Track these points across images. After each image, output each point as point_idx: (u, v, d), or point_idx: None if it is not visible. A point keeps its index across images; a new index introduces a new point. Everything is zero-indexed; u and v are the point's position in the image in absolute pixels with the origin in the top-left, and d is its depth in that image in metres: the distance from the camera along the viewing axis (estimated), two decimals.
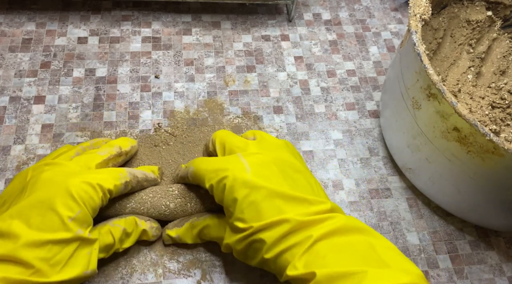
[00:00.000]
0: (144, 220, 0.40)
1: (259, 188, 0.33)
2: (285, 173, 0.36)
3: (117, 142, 0.43)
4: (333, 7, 0.64)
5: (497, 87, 0.48)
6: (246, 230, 0.33)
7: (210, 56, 0.56)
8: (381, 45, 0.60)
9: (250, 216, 0.33)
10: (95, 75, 0.53)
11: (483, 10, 0.50)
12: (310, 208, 0.33)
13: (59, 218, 0.32)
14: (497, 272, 0.44)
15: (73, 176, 0.34)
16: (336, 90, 0.55)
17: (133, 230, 0.38)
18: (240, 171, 0.34)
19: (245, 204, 0.33)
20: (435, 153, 0.40)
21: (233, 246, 0.35)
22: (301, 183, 0.36)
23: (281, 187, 0.34)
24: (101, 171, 0.37)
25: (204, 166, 0.37)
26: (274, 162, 0.36)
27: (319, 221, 0.32)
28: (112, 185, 0.36)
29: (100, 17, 0.58)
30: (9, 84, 0.51)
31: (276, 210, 0.33)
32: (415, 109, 0.40)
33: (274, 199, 0.33)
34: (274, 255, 0.32)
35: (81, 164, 0.37)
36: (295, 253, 0.31)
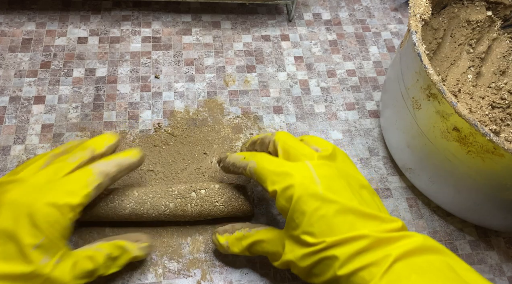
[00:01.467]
0: (133, 240, 0.38)
1: (331, 202, 0.32)
2: (353, 188, 0.34)
3: (91, 144, 0.38)
4: (333, 7, 0.64)
5: (497, 87, 0.48)
6: (316, 245, 0.31)
7: (210, 56, 0.56)
8: (381, 45, 0.60)
9: (321, 230, 0.31)
10: (95, 75, 0.53)
11: (483, 10, 0.50)
12: (383, 226, 0.31)
13: (18, 248, 0.30)
14: (497, 272, 0.44)
15: (36, 199, 0.32)
16: (336, 90, 0.55)
17: (121, 255, 0.36)
18: (309, 182, 0.33)
19: (315, 217, 0.31)
20: (435, 153, 0.40)
21: (297, 262, 0.33)
22: (368, 200, 0.34)
23: (352, 202, 0.32)
24: (67, 181, 0.34)
25: (268, 165, 0.35)
26: (342, 175, 0.34)
27: (396, 239, 0.30)
28: (81, 197, 0.33)
29: (100, 17, 0.58)
30: (9, 84, 0.51)
31: (349, 225, 0.31)
32: (415, 109, 0.40)
33: (347, 215, 0.31)
34: (349, 272, 0.30)
35: (49, 177, 0.34)
36: (374, 272, 0.29)
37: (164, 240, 0.42)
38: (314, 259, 0.31)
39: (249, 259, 0.42)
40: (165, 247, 0.42)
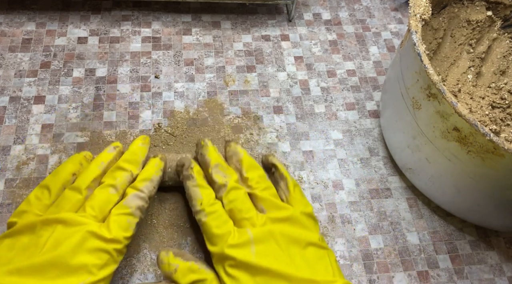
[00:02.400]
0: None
1: (262, 272, 0.33)
2: (295, 248, 0.35)
3: (128, 165, 0.39)
4: (333, 7, 0.64)
5: (497, 87, 0.48)
6: None
7: (210, 56, 0.56)
8: (381, 45, 0.60)
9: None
10: (95, 75, 0.53)
11: (483, 10, 0.50)
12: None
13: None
14: (497, 272, 0.44)
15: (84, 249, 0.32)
16: (336, 90, 0.55)
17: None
18: (244, 251, 0.34)
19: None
20: (435, 153, 0.40)
21: None
22: (312, 259, 0.35)
23: (287, 267, 0.33)
24: (109, 228, 0.34)
25: (214, 228, 0.36)
26: (284, 236, 0.35)
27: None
28: (125, 239, 0.35)
29: (100, 17, 0.58)
30: (9, 84, 0.51)
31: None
32: (415, 109, 0.40)
33: (279, 281, 0.33)
34: None
35: (96, 213, 0.35)
36: None
37: (164, 240, 0.42)
38: None
39: None
40: (165, 247, 0.42)
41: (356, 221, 0.46)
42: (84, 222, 0.33)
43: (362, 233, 0.45)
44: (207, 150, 0.41)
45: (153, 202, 0.44)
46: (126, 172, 0.38)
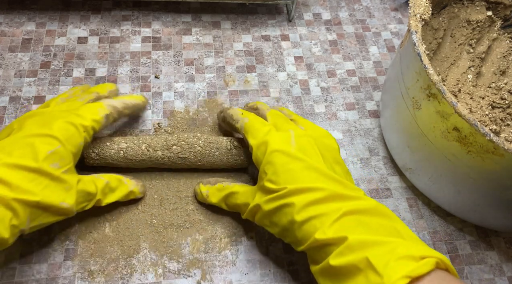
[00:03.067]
0: (129, 178, 0.42)
1: (300, 159, 0.35)
2: (326, 160, 0.37)
3: (95, 89, 0.45)
4: (333, 7, 0.64)
5: (497, 87, 0.48)
6: (278, 191, 0.34)
7: (210, 56, 0.56)
8: (381, 45, 0.60)
9: (285, 179, 0.34)
10: (95, 75, 0.53)
11: (483, 10, 0.50)
12: (344, 190, 0.34)
13: (34, 151, 0.34)
14: (497, 272, 0.44)
15: (56, 118, 0.37)
16: (336, 90, 0.55)
17: (118, 187, 0.40)
18: (285, 142, 0.37)
19: (282, 169, 0.35)
20: (435, 153, 0.40)
21: (262, 205, 0.36)
22: (338, 171, 0.38)
23: (320, 164, 0.35)
24: (81, 109, 0.40)
25: (256, 124, 0.40)
26: (319, 148, 0.38)
27: (351, 198, 0.33)
28: (92, 121, 0.39)
29: (100, 17, 0.58)
30: (9, 84, 0.51)
31: (311, 179, 0.34)
32: (415, 109, 0.40)
33: (312, 171, 0.35)
34: (303, 220, 0.33)
35: (65, 108, 0.40)
36: (324, 221, 0.32)
37: (164, 240, 0.42)
38: (275, 205, 0.34)
39: (249, 259, 0.42)
40: (165, 247, 0.42)
41: None
42: (49, 110, 0.40)
43: None
44: (231, 107, 0.46)
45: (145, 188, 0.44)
46: (93, 93, 0.45)
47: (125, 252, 0.41)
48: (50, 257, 0.40)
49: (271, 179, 0.35)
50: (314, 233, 0.32)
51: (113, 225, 0.42)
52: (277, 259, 0.42)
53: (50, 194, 0.34)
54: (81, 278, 0.39)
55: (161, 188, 0.45)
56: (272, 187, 0.35)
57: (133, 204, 0.44)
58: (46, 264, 0.40)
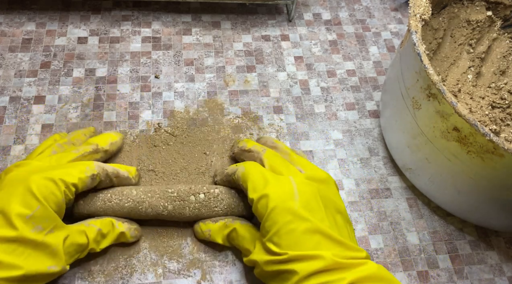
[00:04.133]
0: (122, 221, 0.40)
1: (303, 219, 0.33)
2: (329, 211, 0.36)
3: (95, 140, 0.43)
4: (333, 7, 0.64)
5: (497, 87, 0.48)
6: (280, 255, 0.33)
7: (210, 56, 0.56)
8: (381, 45, 0.60)
9: (287, 243, 0.33)
10: (95, 75, 0.53)
11: (483, 10, 0.50)
12: (347, 252, 0.33)
13: (6, 217, 0.32)
14: (497, 272, 0.44)
15: (35, 173, 0.34)
16: (336, 90, 0.55)
17: (109, 231, 0.38)
18: (287, 196, 0.35)
19: (284, 229, 0.33)
20: (435, 153, 0.40)
21: (261, 266, 0.34)
22: (340, 225, 0.36)
23: (323, 224, 0.34)
24: (67, 165, 0.37)
25: (255, 173, 0.37)
26: (321, 197, 0.36)
27: (353, 265, 0.32)
28: (77, 179, 0.36)
29: (100, 17, 0.58)
30: (9, 84, 0.51)
31: (314, 244, 0.33)
32: (415, 109, 0.40)
33: (314, 234, 0.33)
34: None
35: (52, 162, 0.38)
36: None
37: (164, 240, 0.42)
38: (276, 268, 0.33)
39: None
40: (165, 247, 0.42)
41: (356, 221, 0.46)
42: (35, 164, 0.38)
43: (362, 233, 0.45)
44: (242, 141, 0.45)
45: None
46: (92, 145, 0.42)
47: (125, 252, 0.41)
48: None
49: (272, 240, 0.34)
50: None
51: None
52: None
53: (35, 262, 0.32)
54: (81, 278, 0.39)
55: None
56: (274, 250, 0.33)
57: (141, 232, 0.43)
58: None
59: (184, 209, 0.40)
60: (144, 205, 0.40)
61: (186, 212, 0.40)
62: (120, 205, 0.39)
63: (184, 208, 0.40)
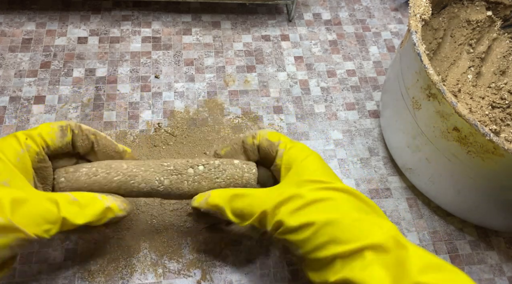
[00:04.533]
0: (106, 194, 0.34)
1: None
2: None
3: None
4: (333, 7, 0.64)
5: (497, 87, 0.48)
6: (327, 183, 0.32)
7: (210, 56, 0.56)
8: (381, 45, 0.60)
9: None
10: (95, 75, 0.53)
11: (483, 10, 0.50)
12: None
13: None
14: (497, 272, 0.44)
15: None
16: (336, 90, 0.55)
17: (89, 204, 0.32)
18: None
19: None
20: (435, 153, 0.40)
21: (303, 194, 0.31)
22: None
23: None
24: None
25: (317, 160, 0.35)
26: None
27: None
28: (42, 130, 0.32)
29: (100, 17, 0.58)
30: (9, 84, 0.51)
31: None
32: (415, 109, 0.40)
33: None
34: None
35: None
36: None
37: (164, 240, 0.42)
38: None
39: (249, 259, 0.42)
40: (165, 247, 0.42)
41: None
42: None
43: None
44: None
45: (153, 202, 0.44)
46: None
47: (125, 252, 0.41)
48: (50, 257, 0.40)
49: (315, 173, 0.32)
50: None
51: (113, 225, 0.42)
52: (277, 259, 0.42)
53: None
54: (81, 278, 0.39)
55: None
56: (320, 179, 0.32)
57: (132, 204, 0.43)
58: (46, 264, 0.40)
59: (183, 183, 0.35)
60: (136, 179, 0.34)
61: (184, 186, 0.35)
62: (108, 179, 0.34)
63: (182, 182, 0.35)
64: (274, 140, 0.36)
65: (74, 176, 0.34)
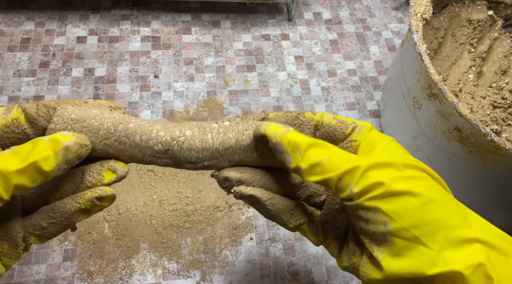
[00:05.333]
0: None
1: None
2: None
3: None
4: (334, 6, 0.64)
5: (498, 86, 0.48)
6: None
7: (209, 55, 0.56)
8: (382, 44, 0.60)
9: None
10: (94, 75, 0.53)
11: (484, 10, 0.50)
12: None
13: None
14: None
15: None
16: (337, 89, 0.55)
17: (34, 146, 0.24)
18: None
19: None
20: (436, 153, 0.40)
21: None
22: None
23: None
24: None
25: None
26: None
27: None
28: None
29: (99, 17, 0.58)
30: (8, 84, 0.51)
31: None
32: (416, 109, 0.40)
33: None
34: None
35: None
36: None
37: (163, 240, 0.42)
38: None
39: (249, 260, 0.42)
40: (165, 247, 0.42)
41: None
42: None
43: None
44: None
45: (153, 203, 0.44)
46: None
47: (124, 253, 0.41)
48: (49, 258, 0.40)
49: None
50: None
51: (113, 225, 0.42)
52: (277, 260, 0.42)
53: None
54: (80, 278, 0.39)
55: (161, 188, 0.45)
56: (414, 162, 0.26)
57: (132, 205, 0.43)
58: (45, 264, 0.40)
59: (206, 135, 0.29)
60: (155, 126, 0.28)
61: (208, 138, 0.29)
62: (125, 119, 0.27)
63: (205, 134, 0.29)
64: (345, 119, 0.30)
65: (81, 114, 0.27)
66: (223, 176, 0.29)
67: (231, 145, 0.29)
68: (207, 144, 0.29)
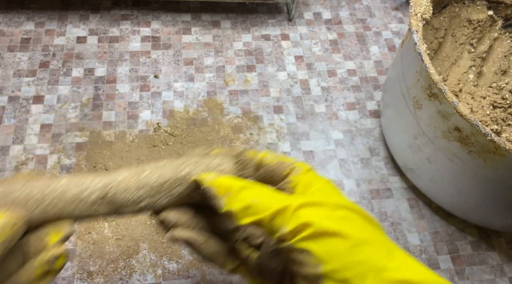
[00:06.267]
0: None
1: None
2: None
3: None
4: (334, 6, 0.64)
5: (499, 86, 0.48)
6: None
7: (209, 55, 0.56)
8: (382, 44, 0.60)
9: None
10: (94, 75, 0.53)
11: (484, 10, 0.50)
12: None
13: None
14: (498, 273, 0.44)
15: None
16: (337, 89, 0.55)
17: None
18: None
19: None
20: (436, 153, 0.40)
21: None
22: None
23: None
24: None
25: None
26: None
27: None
28: None
29: (99, 17, 0.58)
30: (8, 84, 0.51)
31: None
32: (416, 109, 0.40)
33: None
34: None
35: None
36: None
37: (163, 240, 0.42)
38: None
39: None
40: (165, 247, 0.42)
41: None
42: None
43: None
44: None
45: None
46: None
47: (124, 253, 0.41)
48: None
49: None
50: None
51: (112, 225, 0.42)
52: None
53: None
54: (80, 278, 0.39)
55: None
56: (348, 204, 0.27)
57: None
58: None
59: (142, 173, 0.27)
60: (89, 177, 0.27)
61: (143, 176, 0.27)
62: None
63: (142, 172, 0.28)
64: (285, 160, 0.30)
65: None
66: (160, 218, 0.28)
67: (167, 179, 0.27)
68: (141, 182, 0.27)
